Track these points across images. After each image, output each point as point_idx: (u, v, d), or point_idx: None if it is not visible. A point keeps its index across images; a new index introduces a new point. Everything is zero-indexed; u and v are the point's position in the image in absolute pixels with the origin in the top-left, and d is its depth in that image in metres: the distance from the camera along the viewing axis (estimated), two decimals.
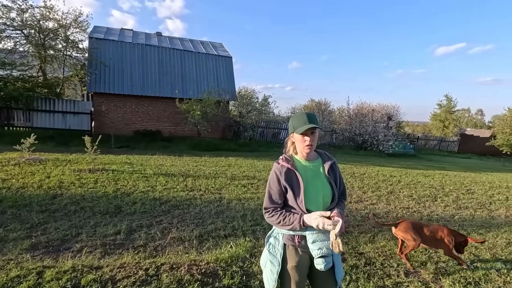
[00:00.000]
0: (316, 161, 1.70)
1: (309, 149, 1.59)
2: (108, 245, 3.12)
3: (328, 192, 1.61)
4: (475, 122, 53.61)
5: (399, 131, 20.07)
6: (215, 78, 15.78)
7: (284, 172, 1.61)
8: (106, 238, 3.26)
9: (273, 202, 1.63)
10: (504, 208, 5.92)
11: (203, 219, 4.06)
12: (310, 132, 1.57)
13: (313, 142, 1.59)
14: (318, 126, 1.57)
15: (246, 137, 15.96)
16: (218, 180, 6.43)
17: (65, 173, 6.05)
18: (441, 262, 3.18)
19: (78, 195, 4.69)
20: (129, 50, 14.44)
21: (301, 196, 1.56)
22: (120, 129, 13.71)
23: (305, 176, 1.61)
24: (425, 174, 9.65)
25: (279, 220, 1.57)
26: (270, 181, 1.65)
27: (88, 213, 3.97)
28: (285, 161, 1.65)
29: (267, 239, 1.77)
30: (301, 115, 1.61)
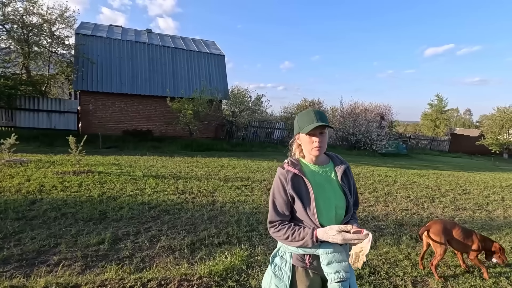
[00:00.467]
0: (327, 165, 1.47)
1: (318, 151, 1.36)
2: (89, 257, 2.83)
3: (341, 202, 1.38)
4: (464, 121, 54.65)
5: (391, 130, 20.12)
6: (207, 77, 15.46)
7: (291, 178, 1.37)
8: (88, 249, 2.97)
9: (280, 214, 1.38)
10: (501, 208, 5.84)
11: (195, 225, 3.80)
12: (319, 132, 1.35)
13: (323, 143, 1.36)
14: (328, 124, 1.34)
15: (239, 137, 15.70)
16: (211, 182, 6.17)
17: (47, 175, 5.69)
18: (449, 270, 3.00)
19: (59, 200, 4.36)
20: (118, 47, 13.98)
21: (312, 206, 1.32)
22: (109, 129, 13.26)
23: (314, 183, 1.38)
24: (419, 174, 9.59)
25: (287, 235, 1.33)
26: (275, 190, 1.41)
27: (70, 220, 3.66)
28: (291, 166, 1.41)
29: (271, 259, 1.50)
30: (308, 113, 1.38)
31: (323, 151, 1.40)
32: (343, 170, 1.45)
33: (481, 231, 4.35)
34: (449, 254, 3.35)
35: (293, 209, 1.38)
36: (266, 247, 3.28)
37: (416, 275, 2.88)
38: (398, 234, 4.01)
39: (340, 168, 1.45)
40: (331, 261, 1.31)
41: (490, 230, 4.45)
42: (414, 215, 4.98)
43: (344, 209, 1.39)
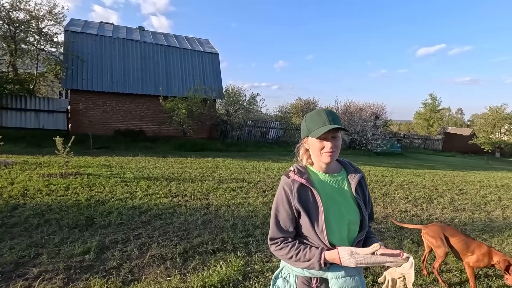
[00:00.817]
0: (338, 174, 1.28)
1: (330, 157, 1.17)
2: (73, 268, 2.61)
3: (355, 217, 1.20)
4: (455, 120, 55.37)
5: (386, 129, 20.15)
6: (201, 75, 15.21)
7: (297, 189, 1.18)
8: (71, 259, 2.75)
9: (283, 230, 1.20)
10: (499, 209, 5.78)
11: (188, 231, 3.61)
12: (332, 136, 1.17)
13: (336, 148, 1.18)
14: (342, 127, 1.16)
15: (234, 136, 15.50)
16: (205, 184, 5.97)
17: (33, 178, 5.42)
18: (454, 277, 2.88)
19: (44, 204, 4.12)
20: (109, 45, 13.64)
21: (321, 222, 1.14)
22: (100, 129, 12.93)
23: (324, 194, 1.19)
24: (415, 174, 9.54)
25: (290, 255, 1.15)
26: (278, 202, 1.21)
27: (54, 227, 3.43)
28: (297, 174, 1.21)
29: (273, 281, 1.32)
30: (319, 113, 1.20)
31: (336, 157, 1.21)
32: (358, 180, 1.26)
33: (482, 234, 4.26)
34: (453, 259, 3.22)
35: (299, 224, 1.20)
36: (263, 254, 3.11)
37: (421, 283, 2.74)
38: (399, 237, 3.88)
39: (354, 178, 1.26)
40: (342, 287, 1.13)
41: (491, 232, 4.36)
42: (413, 217, 4.87)
43: (358, 225, 1.21)
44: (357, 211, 1.21)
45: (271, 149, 14.32)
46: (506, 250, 3.66)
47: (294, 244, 1.17)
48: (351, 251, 1.06)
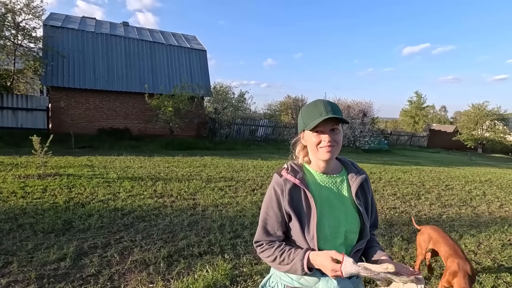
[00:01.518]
0: (338, 175, 1.14)
1: (329, 153, 1.03)
2: (46, 277, 2.42)
3: (354, 225, 1.07)
4: (439, 118, 56.86)
5: (373, 127, 20.39)
6: (189, 73, 14.90)
7: (289, 190, 1.05)
8: (45, 267, 2.55)
9: (269, 234, 1.09)
10: (485, 204, 5.87)
11: (174, 233, 3.45)
12: (330, 129, 1.03)
13: (335, 142, 1.04)
14: (342, 118, 1.02)
15: (222, 134, 15.29)
16: (192, 183, 5.80)
17: (7, 180, 5.11)
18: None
19: (17, 208, 3.86)
20: (91, 40, 13.14)
21: (313, 229, 1.02)
22: (83, 128, 12.47)
23: (319, 198, 1.07)
24: (403, 170, 9.64)
25: (274, 256, 1.04)
26: (267, 203, 1.10)
27: (27, 233, 3.20)
28: (291, 173, 1.09)
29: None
30: (316, 104, 1.05)
31: (335, 154, 1.07)
32: (360, 183, 1.12)
33: (470, 229, 4.29)
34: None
35: (288, 227, 1.08)
36: (252, 256, 2.99)
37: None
38: (389, 235, 3.84)
39: (356, 180, 1.12)
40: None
41: (478, 227, 4.40)
42: (402, 214, 4.86)
43: (357, 234, 1.09)
44: (356, 218, 1.08)
45: (260, 147, 14.21)
46: (494, 246, 3.67)
47: (280, 245, 1.07)
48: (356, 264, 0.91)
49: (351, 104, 19.78)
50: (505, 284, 2.74)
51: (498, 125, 23.38)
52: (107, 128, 12.88)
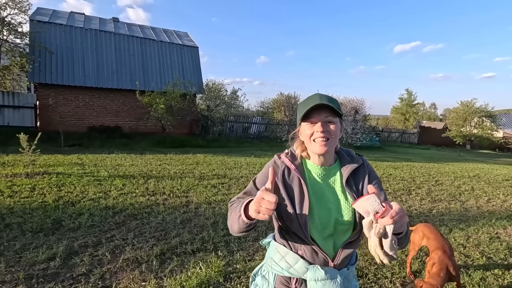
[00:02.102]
0: (332, 166, 1.12)
1: (323, 146, 1.01)
2: (35, 277, 2.37)
3: (345, 216, 1.05)
4: (429, 115, 57.85)
5: (365, 124, 20.59)
6: (180, 69, 14.75)
7: (283, 170, 1.06)
8: (33, 268, 2.50)
9: (243, 195, 1.12)
10: (473, 198, 6.00)
11: (166, 231, 3.42)
12: (324, 120, 1.01)
13: (329, 134, 1.01)
14: (336, 107, 1.00)
15: (215, 132, 15.22)
16: (185, 181, 5.75)
17: None
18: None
19: (5, 207, 3.76)
20: (80, 36, 12.86)
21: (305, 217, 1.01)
22: (72, 125, 12.24)
23: (313, 188, 1.06)
24: (394, 166, 9.77)
25: (230, 211, 1.07)
26: (259, 175, 1.12)
27: (15, 232, 3.13)
28: (290, 157, 1.10)
29: (252, 277, 1.24)
30: (312, 96, 1.05)
31: (331, 147, 1.04)
32: (351, 170, 1.08)
33: (459, 223, 4.37)
34: None
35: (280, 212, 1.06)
36: (245, 253, 2.98)
37: (404, 275, 2.73)
38: None
39: (347, 168, 1.09)
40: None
41: (466, 221, 4.49)
42: None
43: (350, 225, 1.06)
44: (348, 209, 1.06)
45: (253, 144, 14.20)
46: (482, 239, 3.76)
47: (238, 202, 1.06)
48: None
49: (343, 102, 19.92)
50: (493, 275, 2.80)
51: (485, 122, 23.90)
52: (98, 126, 12.67)
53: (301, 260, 1.05)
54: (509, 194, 6.52)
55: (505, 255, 3.30)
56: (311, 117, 1.01)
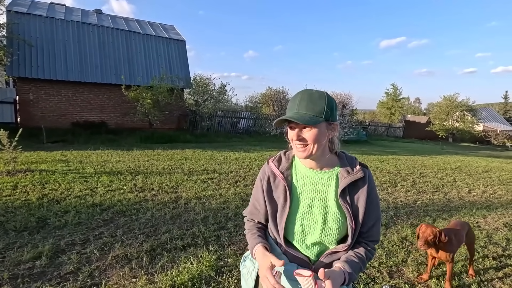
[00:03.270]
0: (328, 171, 1.05)
1: (301, 152, 0.98)
2: (20, 277, 2.31)
3: (334, 227, 1.00)
4: (414, 109, 59.29)
5: (352, 118, 20.91)
6: (167, 64, 14.48)
7: (268, 178, 1.09)
8: (19, 267, 2.43)
9: (252, 212, 1.20)
10: (455, 190, 6.22)
11: (156, 227, 3.39)
12: (302, 126, 0.96)
13: (305, 141, 0.96)
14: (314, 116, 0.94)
15: (204, 127, 15.09)
16: (174, 177, 5.70)
17: None
18: (421, 257, 3.00)
19: None
20: (61, 28, 12.39)
21: (282, 222, 1.03)
22: (55, 121, 11.86)
23: (300, 194, 1.04)
24: (380, 160, 9.99)
25: (246, 232, 1.20)
26: (255, 185, 1.19)
27: None
28: (276, 162, 1.09)
29: (243, 259, 1.27)
30: (295, 97, 1.00)
31: (312, 152, 0.97)
32: (349, 182, 1.00)
33: (442, 213, 4.53)
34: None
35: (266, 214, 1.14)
36: (236, 247, 3.00)
37: (391, 264, 2.82)
38: None
39: (346, 178, 1.01)
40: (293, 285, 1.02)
41: (449, 211, 4.66)
42: (380, 201, 5.03)
43: (336, 237, 1.01)
44: (338, 220, 1.01)
45: (242, 139, 14.18)
46: None
47: (253, 225, 1.17)
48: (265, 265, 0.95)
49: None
50: (474, 262, 2.93)
51: (467, 116, 24.71)
52: (82, 122, 12.33)
53: (282, 255, 1.08)
54: (489, 185, 6.80)
55: (485, 243, 3.45)
56: (290, 123, 0.97)
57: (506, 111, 53.37)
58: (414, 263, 2.85)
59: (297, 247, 1.06)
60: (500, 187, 6.63)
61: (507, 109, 55.50)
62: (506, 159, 13.77)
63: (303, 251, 1.05)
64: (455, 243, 2.41)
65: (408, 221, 4.05)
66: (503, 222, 4.24)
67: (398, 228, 3.76)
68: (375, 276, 2.60)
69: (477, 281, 2.62)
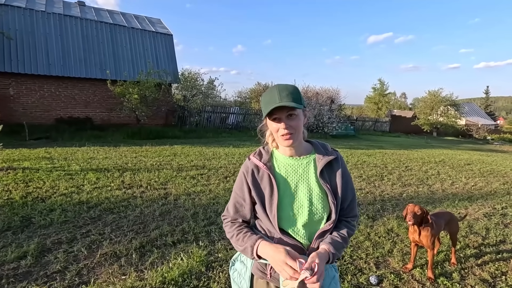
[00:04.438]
0: (305, 157, 1.16)
1: (288, 140, 1.06)
2: (5, 277, 2.25)
3: (318, 205, 1.10)
4: (400, 104, 60.49)
5: (340, 113, 21.15)
6: (154, 58, 14.20)
7: (252, 172, 1.12)
8: (3, 267, 2.37)
9: (234, 211, 1.17)
10: (439, 182, 6.42)
11: (145, 224, 3.36)
12: (286, 115, 1.03)
13: (292, 129, 1.04)
14: (296, 103, 1.01)
15: (192, 122, 14.94)
16: (163, 173, 5.64)
17: None
18: (406, 248, 3.10)
19: None
20: (42, 20, 11.92)
21: (274, 210, 1.07)
22: (38, 117, 11.48)
23: (284, 181, 1.11)
24: (367, 154, 10.18)
25: (232, 234, 1.13)
26: (236, 183, 1.18)
27: None
28: (257, 156, 1.15)
29: (232, 263, 1.29)
30: (271, 91, 1.05)
31: (296, 140, 1.08)
32: (326, 162, 1.13)
33: (426, 205, 4.68)
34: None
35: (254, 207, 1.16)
36: (227, 242, 3.01)
37: (378, 255, 2.90)
38: None
39: (322, 160, 1.13)
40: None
41: (433, 203, 4.82)
42: (368, 194, 5.17)
43: (324, 215, 1.11)
44: (322, 200, 1.10)
45: (231, 135, 14.14)
46: None
47: (240, 225, 1.15)
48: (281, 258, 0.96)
49: (320, 91, 20.26)
50: (456, 251, 3.05)
51: (450, 111, 25.43)
52: (66, 118, 11.99)
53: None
54: (470, 177, 7.06)
55: (466, 232, 3.60)
56: (274, 114, 1.04)
57: (487, 106, 55.22)
58: (400, 254, 2.94)
59: (290, 233, 1.09)
60: (480, 179, 6.89)
61: (488, 104, 57.41)
62: (486, 152, 14.28)
63: (295, 236, 1.10)
64: (435, 228, 2.53)
65: (394, 213, 4.17)
66: (483, 212, 4.42)
67: (384, 220, 3.87)
68: (362, 267, 2.67)
69: (459, 269, 2.73)
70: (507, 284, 2.53)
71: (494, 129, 29.39)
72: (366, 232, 3.46)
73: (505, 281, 2.57)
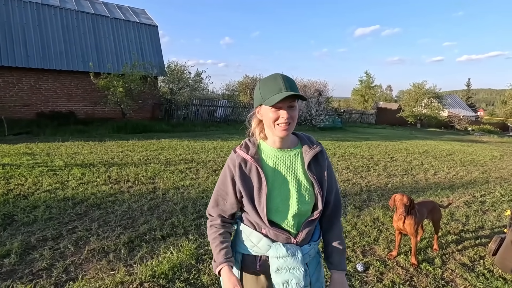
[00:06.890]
0: (292, 149, 1.17)
1: (286, 130, 1.05)
2: None
3: (306, 196, 1.11)
4: (385, 96, 61.60)
5: (328, 106, 21.35)
6: (139, 50, 13.83)
7: (240, 165, 1.11)
8: None
9: (218, 208, 1.17)
10: (422, 172, 6.63)
11: (133, 219, 3.32)
12: (288, 105, 1.03)
13: (292, 119, 1.05)
14: (301, 94, 1.02)
15: (180, 116, 14.74)
16: (150, 167, 5.57)
17: None
18: (391, 236, 3.20)
19: None
20: (18, 10, 11.36)
21: (263, 202, 1.07)
22: (17, 112, 11.04)
23: (273, 173, 1.11)
24: (354, 146, 10.36)
25: (211, 238, 1.15)
26: (221, 178, 1.17)
27: None
28: (244, 149, 1.13)
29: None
30: (275, 78, 1.04)
31: (291, 130, 1.09)
32: (313, 155, 1.14)
33: (410, 194, 4.83)
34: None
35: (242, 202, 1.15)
36: None
37: (364, 244, 2.99)
38: (343, 204, 4.16)
39: (309, 153, 1.14)
40: (281, 267, 1.07)
41: (417, 192, 4.98)
42: (355, 185, 5.28)
43: (310, 206, 1.13)
44: (309, 191, 1.12)
45: (219, 128, 14.06)
46: None
47: (217, 231, 1.14)
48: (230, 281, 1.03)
49: (307, 84, 20.35)
50: (438, 237, 3.18)
51: (433, 103, 26.10)
52: (47, 112, 11.59)
53: (264, 238, 1.11)
54: (452, 167, 7.32)
55: (448, 220, 3.75)
56: (278, 103, 1.02)
57: (468, 98, 56.97)
58: (385, 242, 3.04)
59: (279, 224, 1.11)
60: (461, 169, 7.15)
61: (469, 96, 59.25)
62: (467, 142, 14.80)
63: (284, 227, 1.11)
64: (419, 216, 2.65)
65: (380, 203, 4.28)
66: (463, 200, 4.61)
67: (370, 210, 3.97)
68: (349, 255, 2.75)
69: (440, 254, 2.85)
70: (485, 268, 2.66)
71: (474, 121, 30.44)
72: (353, 222, 3.55)
73: (483, 265, 2.71)
